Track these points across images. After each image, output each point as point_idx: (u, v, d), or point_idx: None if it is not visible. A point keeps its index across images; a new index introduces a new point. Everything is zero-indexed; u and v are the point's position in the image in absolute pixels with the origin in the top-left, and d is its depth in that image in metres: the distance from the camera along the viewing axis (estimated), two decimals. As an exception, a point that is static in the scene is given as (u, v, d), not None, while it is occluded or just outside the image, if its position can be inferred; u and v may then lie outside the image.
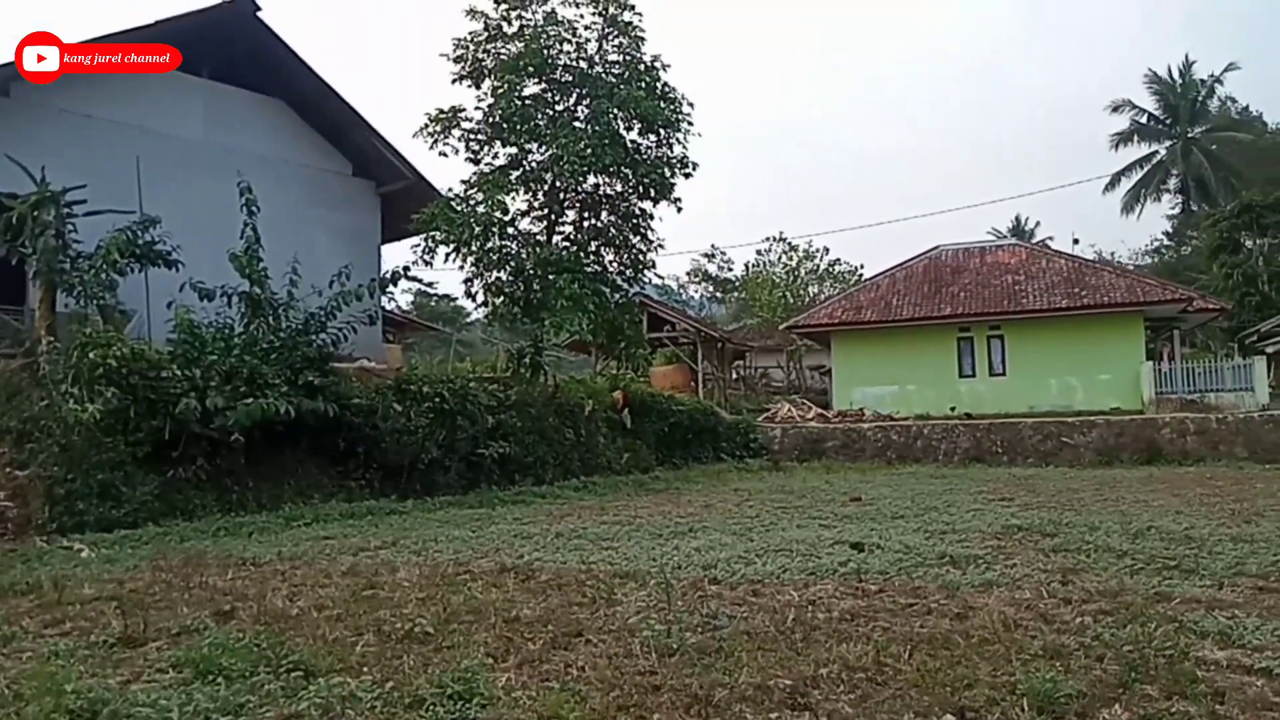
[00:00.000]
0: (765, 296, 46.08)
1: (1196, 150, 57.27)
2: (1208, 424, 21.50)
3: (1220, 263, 48.64)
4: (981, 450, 22.78)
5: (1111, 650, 5.20)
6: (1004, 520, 10.98)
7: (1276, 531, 9.34)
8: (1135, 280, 30.00)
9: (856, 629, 5.95)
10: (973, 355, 28.98)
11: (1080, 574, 7.57)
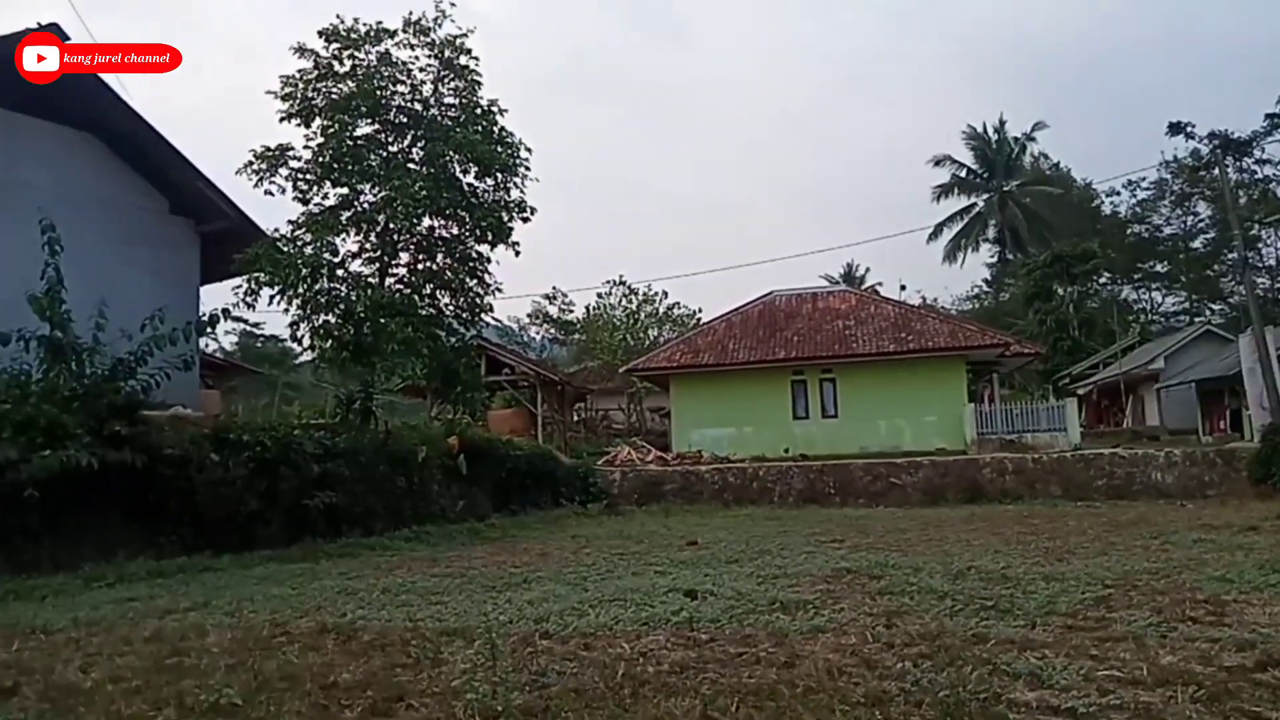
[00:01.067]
0: (606, 339, 46.30)
1: (1011, 203, 61.77)
2: (1025, 463, 22.70)
3: (1035, 309, 52.34)
4: (815, 491, 23.28)
5: (929, 695, 5.21)
6: (834, 563, 11.12)
7: (1085, 569, 9.78)
8: (957, 326, 31.68)
9: (685, 682, 5.79)
10: (806, 397, 29.82)
11: (904, 616, 7.67)
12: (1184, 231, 56.77)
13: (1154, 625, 6.87)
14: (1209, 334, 40.57)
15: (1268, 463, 19.64)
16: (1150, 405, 40.83)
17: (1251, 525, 13.28)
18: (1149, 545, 11.74)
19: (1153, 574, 9.32)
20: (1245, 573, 9.04)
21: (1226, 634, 6.49)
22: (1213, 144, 42.57)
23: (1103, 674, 5.56)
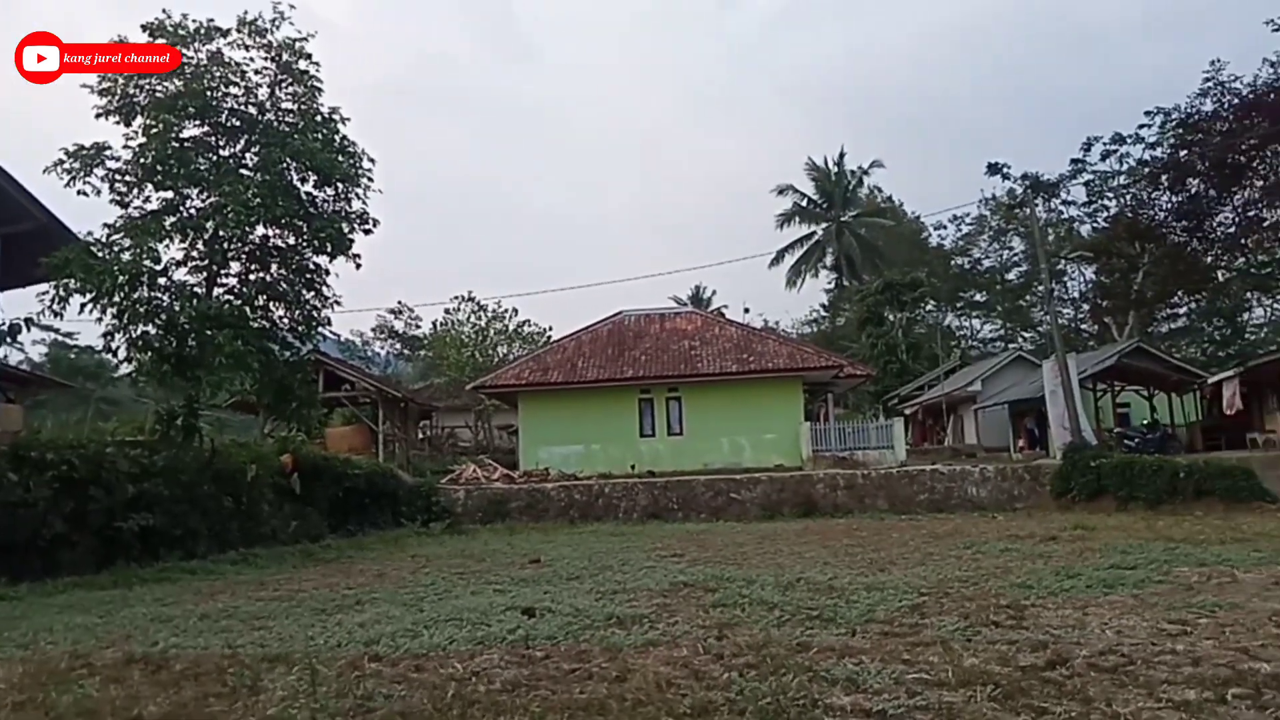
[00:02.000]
0: (453, 355, 45.63)
1: (848, 232, 64.80)
2: (855, 479, 23.72)
3: (867, 333, 54.95)
4: (659, 507, 23.59)
5: (753, 703, 5.38)
6: (672, 577, 11.31)
7: (904, 579, 10.31)
8: (795, 348, 32.86)
9: (516, 700, 5.76)
10: (653, 416, 30.23)
11: (735, 628, 7.88)
12: (1000, 264, 60.93)
13: (961, 630, 7.32)
14: (1020, 359, 43.61)
15: (1067, 478, 21.24)
16: (969, 424, 43.47)
17: (1052, 535, 14.33)
18: (962, 555, 12.48)
19: (963, 582, 9.93)
20: (1044, 579, 9.74)
21: (1023, 636, 6.98)
22: (1025, 185, 45.98)
23: (912, 677, 5.88)
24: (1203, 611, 7.73)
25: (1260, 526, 14.83)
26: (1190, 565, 10.55)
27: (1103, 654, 6.32)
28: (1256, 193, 27.04)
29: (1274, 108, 24.67)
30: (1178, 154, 28.65)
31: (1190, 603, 8.16)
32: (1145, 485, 19.79)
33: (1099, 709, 5.06)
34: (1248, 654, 6.17)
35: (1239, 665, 5.86)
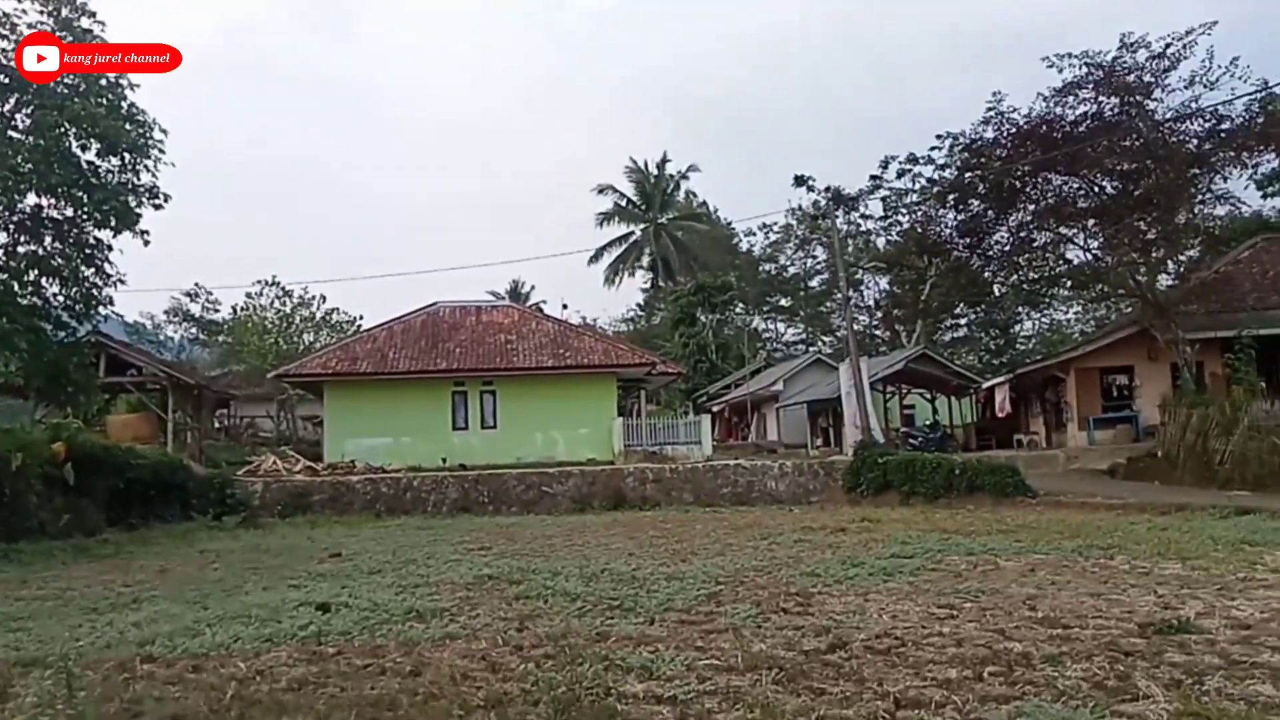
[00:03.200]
0: (255, 342, 43.37)
1: (665, 234, 66.17)
2: (664, 473, 24.26)
3: (680, 333, 56.32)
4: (470, 501, 23.34)
5: (547, 693, 5.44)
6: (478, 570, 11.25)
7: (703, 568, 10.66)
8: (611, 345, 33.24)
9: (302, 699, 5.58)
10: (466, 409, 29.83)
11: (536, 619, 7.93)
12: (804, 272, 63.79)
13: (752, 617, 7.65)
14: (819, 362, 45.96)
15: (857, 473, 22.55)
16: (771, 422, 45.40)
17: (841, 527, 15.18)
18: (759, 546, 13.02)
19: (758, 571, 10.38)
20: (831, 568, 10.32)
21: (809, 622, 7.38)
22: (828, 197, 48.41)
23: (704, 663, 6.11)
24: (968, 597, 8.39)
25: (1022, 519, 16.16)
26: (960, 554, 11.39)
27: (878, 637, 6.76)
28: (1028, 215, 29.41)
29: (1044, 138, 26.94)
30: (962, 176, 30.85)
31: (958, 589, 8.83)
32: (925, 481, 21.16)
33: (871, 688, 5.42)
34: (1003, 635, 6.75)
35: (995, 645, 6.41)
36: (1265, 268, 30.67)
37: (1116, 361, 30.53)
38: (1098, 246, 30.17)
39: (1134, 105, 26.54)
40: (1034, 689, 5.28)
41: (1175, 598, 8.01)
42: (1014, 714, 4.81)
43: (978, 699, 5.10)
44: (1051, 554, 11.17)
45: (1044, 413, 34.95)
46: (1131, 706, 4.89)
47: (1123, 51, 26.11)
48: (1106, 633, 6.66)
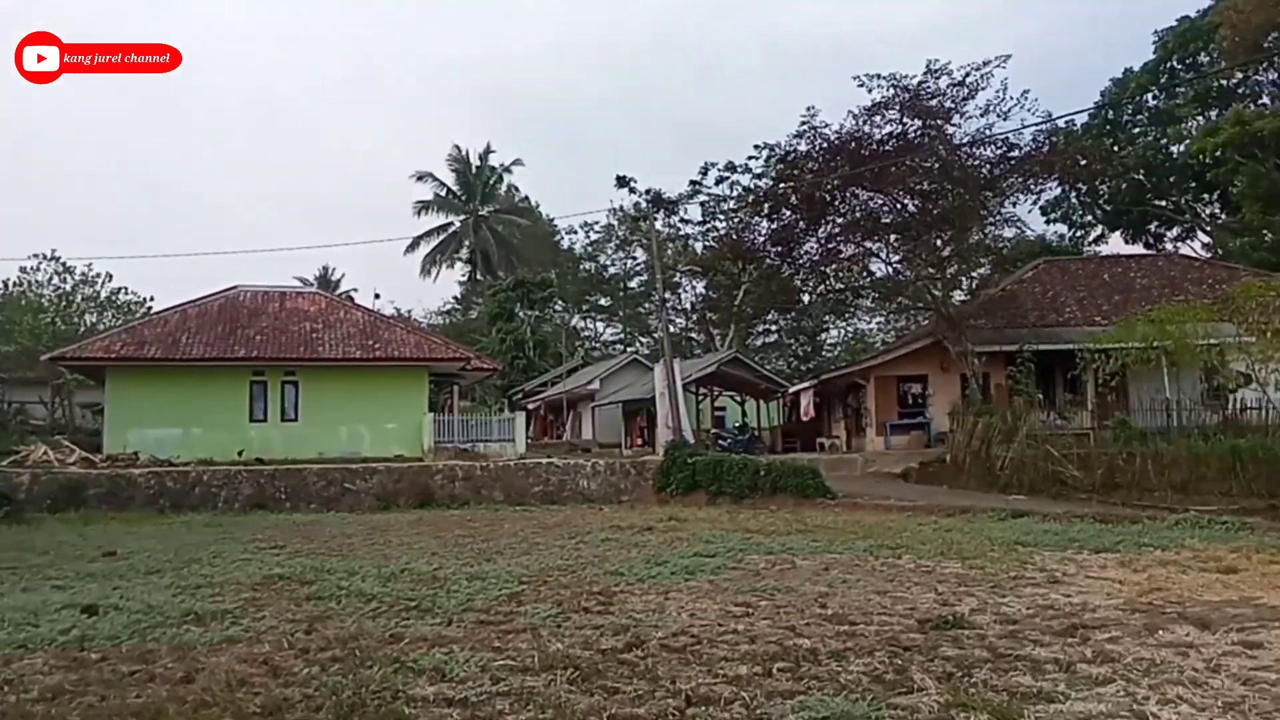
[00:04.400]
0: (28, 321, 39.63)
1: (485, 227, 65.24)
2: (474, 471, 23.84)
3: (498, 328, 55.69)
4: (265, 497, 22.19)
5: (333, 697, 5.18)
6: (268, 569, 10.69)
7: (508, 568, 10.51)
8: (424, 338, 32.42)
9: (54, 709, 5.09)
10: (266, 400, 28.33)
11: (326, 621, 7.58)
12: (624, 272, 64.40)
13: (552, 616, 7.58)
14: (636, 362, 46.53)
15: (667, 473, 22.94)
16: (586, 421, 45.61)
17: (649, 526, 15.37)
18: (566, 545, 12.98)
19: (563, 570, 10.32)
20: (635, 567, 10.40)
21: (609, 621, 7.38)
22: (648, 200, 49.13)
23: (499, 664, 5.99)
24: (764, 595, 8.63)
25: (821, 519, 16.84)
26: (760, 553, 11.74)
27: (675, 635, 6.84)
28: (837, 228, 30.82)
29: (853, 154, 28.34)
30: (776, 186, 32.07)
31: (755, 587, 9.08)
32: (732, 481, 21.74)
33: (664, 686, 5.46)
34: (794, 632, 6.97)
35: (786, 642, 6.60)
36: (1046, 288, 33.41)
37: (913, 370, 32.42)
38: (899, 261, 31.98)
39: (935, 129, 28.34)
40: (819, 684, 5.45)
41: (953, 595, 8.51)
42: (798, 708, 4.94)
43: (765, 694, 5.22)
44: (845, 553, 11.67)
45: (846, 417, 36.72)
46: (906, 699, 5.12)
47: (927, 77, 27.80)
48: (889, 628, 6.99)
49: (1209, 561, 9.97)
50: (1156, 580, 8.96)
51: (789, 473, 21.66)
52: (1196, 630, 6.62)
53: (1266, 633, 6.46)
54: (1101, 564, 10.25)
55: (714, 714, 4.96)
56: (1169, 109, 46.25)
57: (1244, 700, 4.91)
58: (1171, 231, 50.02)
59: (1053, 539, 12.58)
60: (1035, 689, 5.24)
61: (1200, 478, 18.72)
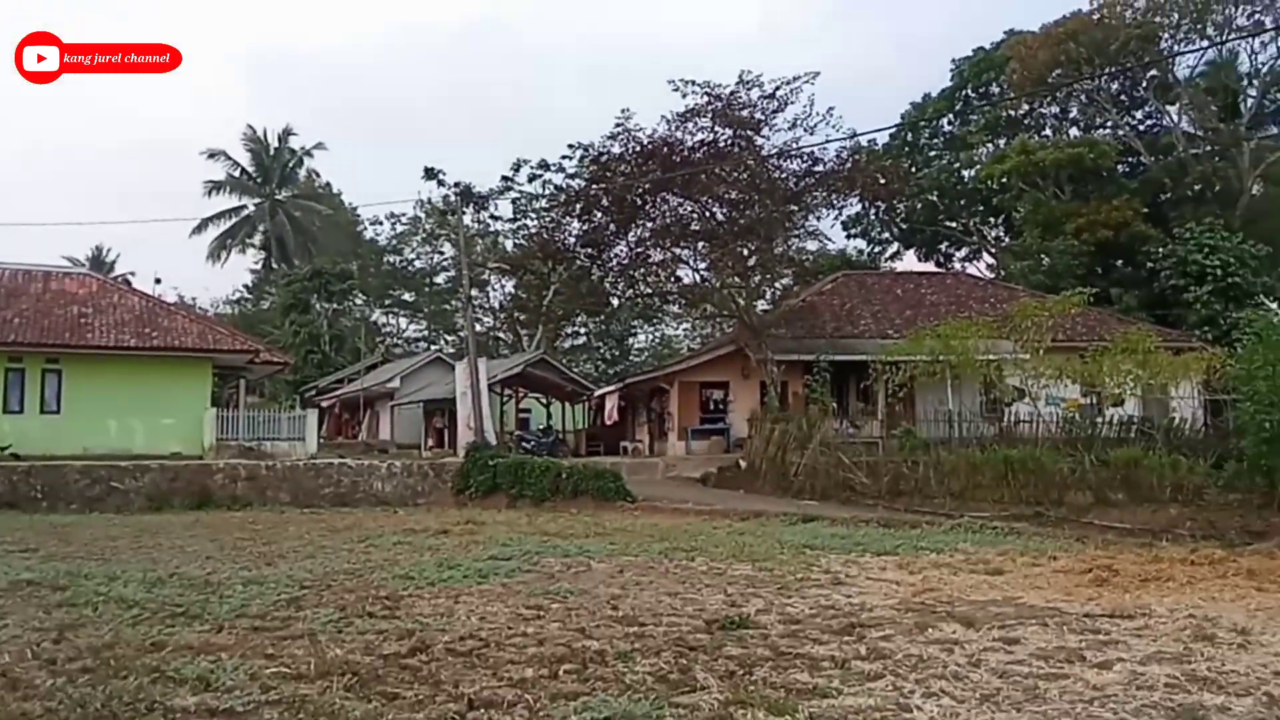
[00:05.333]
0: None
1: (282, 212, 61.86)
2: (259, 470, 22.52)
3: (291, 320, 53.02)
4: (18, 495, 20.13)
5: (80, 709, 4.72)
6: (15, 574, 9.67)
7: (289, 572, 9.95)
8: (209, 327, 30.42)
9: None
10: (23, 389, 25.80)
11: (79, 629, 6.93)
12: (430, 267, 62.94)
13: (334, 622, 7.21)
14: (439, 360, 45.37)
15: (467, 475, 22.52)
16: (385, 420, 44.17)
17: (445, 529, 15.00)
18: (355, 548, 12.45)
19: (349, 574, 9.88)
20: (426, 570, 10.09)
21: (394, 625, 7.10)
22: (457, 193, 48.14)
23: (271, 671, 5.62)
24: (556, 598, 8.56)
25: (620, 523, 16.95)
26: (557, 556, 11.66)
27: (463, 639, 6.65)
28: (647, 232, 31.25)
29: (665, 159, 28.81)
30: (589, 187, 32.16)
31: (549, 590, 8.99)
32: (534, 484, 21.60)
33: (446, 690, 5.28)
34: (584, 634, 6.92)
35: (575, 644, 6.54)
36: (844, 300, 35.06)
37: (715, 377, 33.29)
38: (706, 268, 32.75)
39: (745, 139, 29.18)
40: (604, 684, 5.43)
41: (741, 596, 8.72)
42: (581, 709, 4.90)
43: (549, 696, 5.14)
44: (641, 556, 11.77)
45: (649, 422, 37.29)
46: (688, 697, 5.18)
47: (739, 87, 28.56)
48: (677, 629, 7.07)
49: (978, 564, 10.69)
50: (930, 581, 9.52)
51: (591, 476, 21.74)
52: (962, 628, 7.04)
53: (1023, 629, 6.95)
54: (882, 566, 10.79)
55: (495, 717, 4.85)
56: (962, 135, 49.58)
57: (999, 692, 5.24)
58: (960, 251, 53.79)
59: (839, 542, 13.15)
60: (811, 685, 5.41)
61: (976, 485, 20.06)
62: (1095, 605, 7.99)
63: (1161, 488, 18.58)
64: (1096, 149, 42.31)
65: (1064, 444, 21.64)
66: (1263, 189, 42.51)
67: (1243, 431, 18.51)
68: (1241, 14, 41.07)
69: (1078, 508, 17.82)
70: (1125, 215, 39.59)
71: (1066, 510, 17.57)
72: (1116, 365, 24.50)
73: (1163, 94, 45.34)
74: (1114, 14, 42.51)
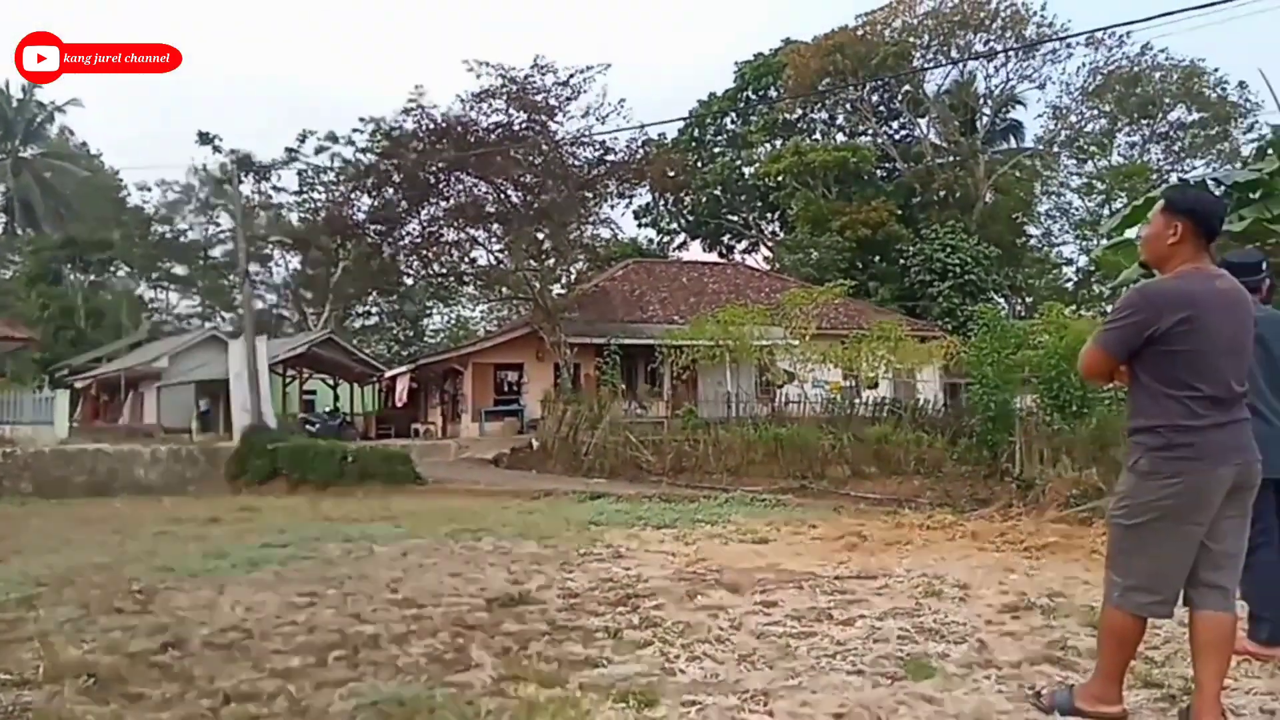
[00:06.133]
0: None
1: (28, 172, 55.91)
2: (-3, 457, 20.52)
3: (39, 292, 48.22)
4: None
5: None
6: None
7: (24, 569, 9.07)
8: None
9: None
10: None
11: None
12: (206, 239, 58.82)
13: (74, 620, 6.60)
14: (215, 339, 42.50)
15: (244, 460, 21.38)
16: (150, 403, 41.03)
17: (215, 517, 14.09)
18: (109, 541, 11.49)
19: (99, 569, 9.07)
20: (189, 561, 9.42)
21: (146, 621, 6.57)
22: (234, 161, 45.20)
23: (-12, 678, 5.06)
24: (333, 584, 8.20)
25: (408, 506, 16.50)
26: (338, 542, 11.18)
27: (224, 631, 6.24)
28: (440, 211, 30.71)
29: (459, 139, 28.37)
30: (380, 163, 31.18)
31: (325, 576, 8.60)
32: (318, 468, 20.86)
33: (199, 686, 4.94)
34: (359, 619, 6.67)
35: (348, 630, 6.28)
36: (634, 286, 35.92)
37: (510, 359, 33.22)
38: (501, 250, 32.54)
39: (540, 124, 29.23)
40: (375, 669, 5.26)
41: (525, 573, 8.67)
42: (347, 696, 4.71)
43: (314, 685, 4.92)
44: (427, 539, 11.49)
45: (443, 404, 36.72)
46: (462, 676, 5.10)
47: (534, 72, 28.57)
48: (457, 609, 6.94)
49: (747, 534, 11.15)
50: (703, 552, 9.83)
51: (379, 459, 21.29)
52: (728, 594, 7.32)
53: (782, 593, 7.32)
54: (660, 539, 11.04)
55: (253, 711, 4.57)
56: (744, 134, 52.14)
57: (755, 651, 5.51)
58: (741, 244, 56.53)
59: (623, 518, 13.37)
60: (584, 656, 5.47)
61: (751, 461, 21.14)
62: (845, 568, 8.54)
63: (907, 461, 20.24)
64: (859, 153, 45.91)
65: (827, 423, 23.30)
66: (994, 197, 47.87)
67: (973, 411, 20.38)
68: (979, 40, 45.70)
69: (837, 480, 19.15)
70: (882, 216, 43.34)
71: (828, 483, 18.83)
72: (872, 351, 26.72)
73: (915, 108, 49.80)
74: (875, 31, 46.50)
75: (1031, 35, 43.80)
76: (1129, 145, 50.87)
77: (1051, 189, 52.73)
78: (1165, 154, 49.08)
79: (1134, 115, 48.44)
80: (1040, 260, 52.12)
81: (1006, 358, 18.05)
